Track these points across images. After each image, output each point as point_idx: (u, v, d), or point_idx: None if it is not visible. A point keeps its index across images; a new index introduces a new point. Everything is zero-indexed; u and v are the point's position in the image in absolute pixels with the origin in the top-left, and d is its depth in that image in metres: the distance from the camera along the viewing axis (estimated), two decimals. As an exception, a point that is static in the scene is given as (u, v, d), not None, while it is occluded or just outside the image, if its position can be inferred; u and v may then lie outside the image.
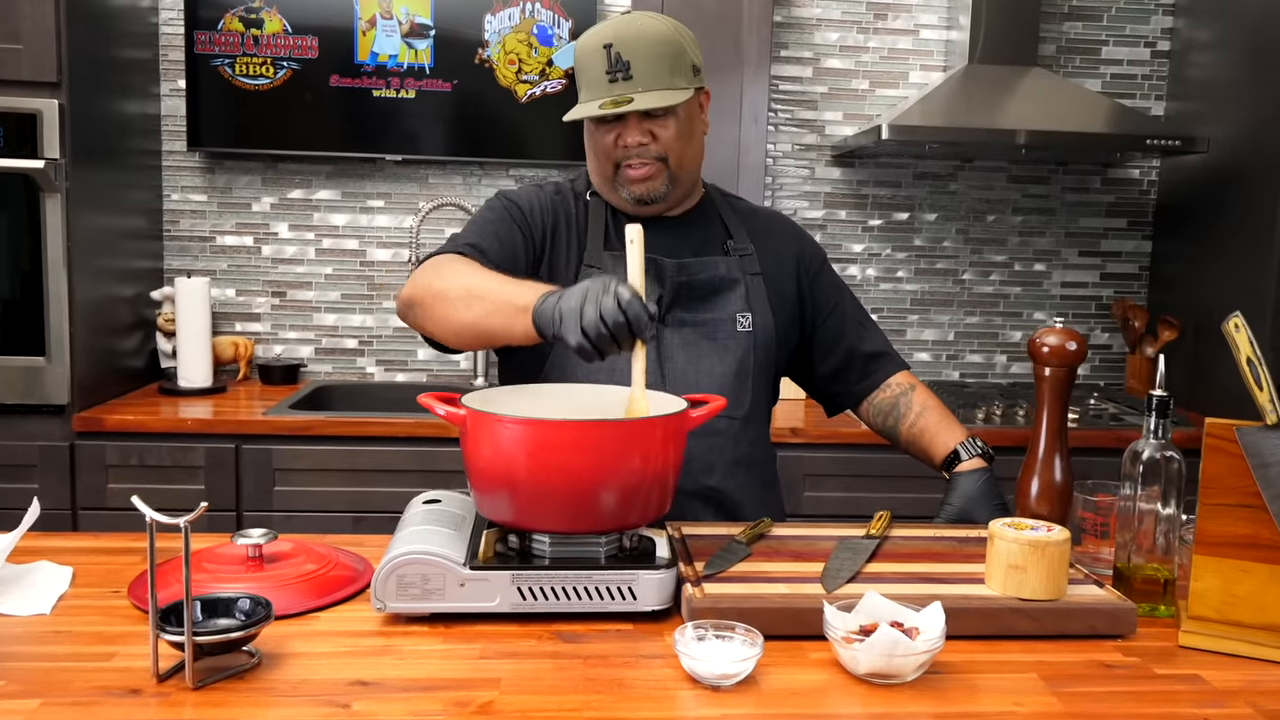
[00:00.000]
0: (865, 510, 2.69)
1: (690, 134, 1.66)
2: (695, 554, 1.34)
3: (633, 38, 1.58)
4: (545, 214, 1.71)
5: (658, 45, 1.59)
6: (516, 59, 3.07)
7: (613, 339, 1.24)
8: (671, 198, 1.69)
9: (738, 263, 1.73)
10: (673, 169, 1.65)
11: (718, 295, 1.71)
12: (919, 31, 3.22)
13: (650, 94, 1.57)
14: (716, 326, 1.70)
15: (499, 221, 1.68)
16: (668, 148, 1.63)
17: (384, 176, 3.17)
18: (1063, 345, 1.46)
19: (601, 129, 1.64)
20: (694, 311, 1.69)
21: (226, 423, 2.64)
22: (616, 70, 1.58)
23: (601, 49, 1.59)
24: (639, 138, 1.61)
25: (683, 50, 1.62)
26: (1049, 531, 1.25)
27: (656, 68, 1.58)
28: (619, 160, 1.64)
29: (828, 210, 3.27)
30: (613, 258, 1.68)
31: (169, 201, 3.14)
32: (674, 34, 1.62)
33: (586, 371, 1.62)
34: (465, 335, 1.49)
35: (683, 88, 1.61)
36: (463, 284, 1.47)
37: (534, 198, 1.73)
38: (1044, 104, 2.96)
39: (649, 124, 1.61)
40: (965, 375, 3.37)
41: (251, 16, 3.01)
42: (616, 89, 1.58)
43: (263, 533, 1.31)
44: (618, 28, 1.61)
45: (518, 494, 1.21)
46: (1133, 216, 3.37)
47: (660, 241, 1.70)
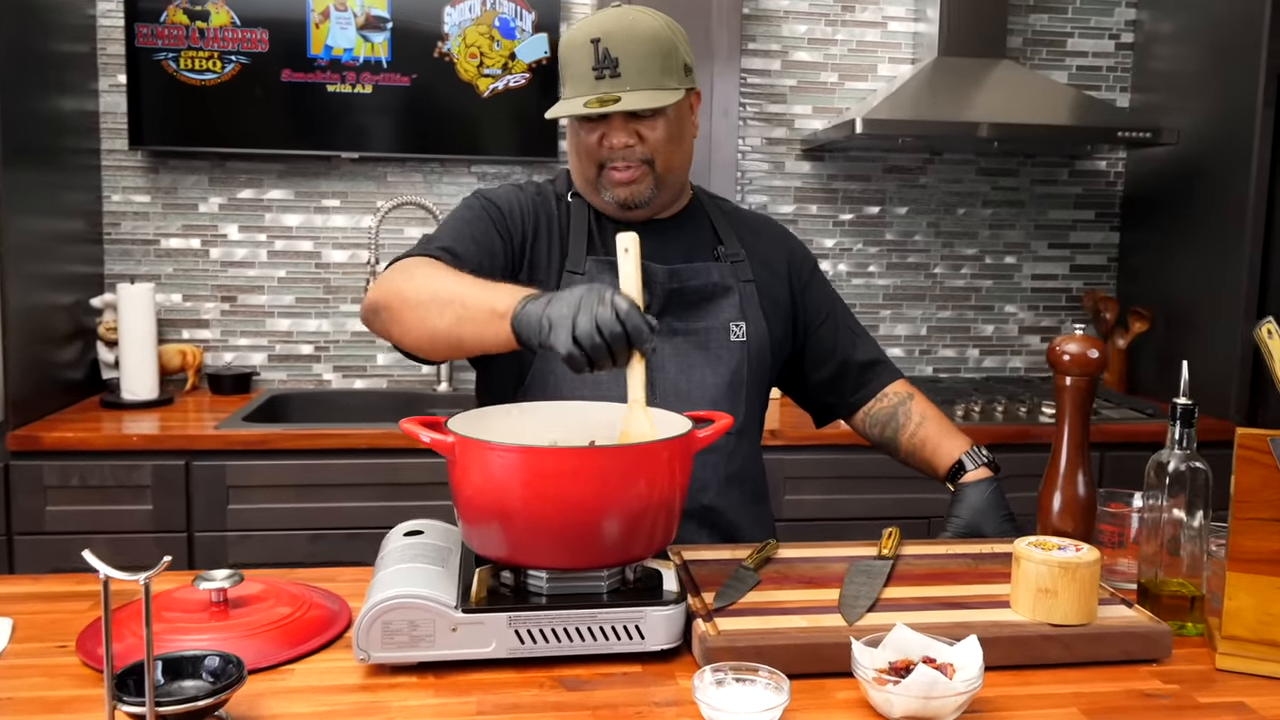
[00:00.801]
0: (846, 513, 2.68)
1: (679, 136, 1.57)
2: (701, 583, 1.25)
3: (622, 33, 1.48)
4: (526, 216, 1.61)
5: (649, 42, 1.49)
6: (478, 52, 2.95)
7: (608, 351, 1.15)
8: (657, 202, 1.60)
9: (730, 269, 1.65)
10: (659, 172, 1.56)
11: (710, 303, 1.62)
12: (887, 24, 3.16)
13: (639, 94, 1.48)
14: (709, 336, 1.61)
15: (475, 222, 1.57)
16: (655, 150, 1.54)
17: (339, 175, 3.04)
18: (1084, 353, 1.39)
19: (585, 128, 1.55)
20: (685, 320, 1.60)
21: (175, 438, 2.50)
22: (604, 67, 1.48)
23: (589, 44, 1.49)
24: (625, 139, 1.52)
25: (675, 48, 1.52)
26: (1078, 551, 1.18)
27: (646, 66, 1.48)
28: (603, 161, 1.55)
29: (798, 205, 3.20)
30: (596, 263, 1.58)
31: (110, 203, 2.98)
32: (666, 31, 1.52)
33: (570, 386, 1.53)
34: (437, 343, 1.38)
35: (673, 88, 1.51)
36: (433, 288, 1.37)
37: (514, 198, 1.62)
38: (1014, 96, 2.92)
39: (636, 125, 1.52)
40: (938, 370, 3.32)
41: (197, 8, 2.86)
42: (603, 87, 1.48)
43: (227, 574, 1.19)
44: (607, 22, 1.50)
45: (513, 528, 1.11)
46: (1100, 208, 3.34)
47: (647, 246, 1.60)
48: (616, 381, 1.51)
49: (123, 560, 2.39)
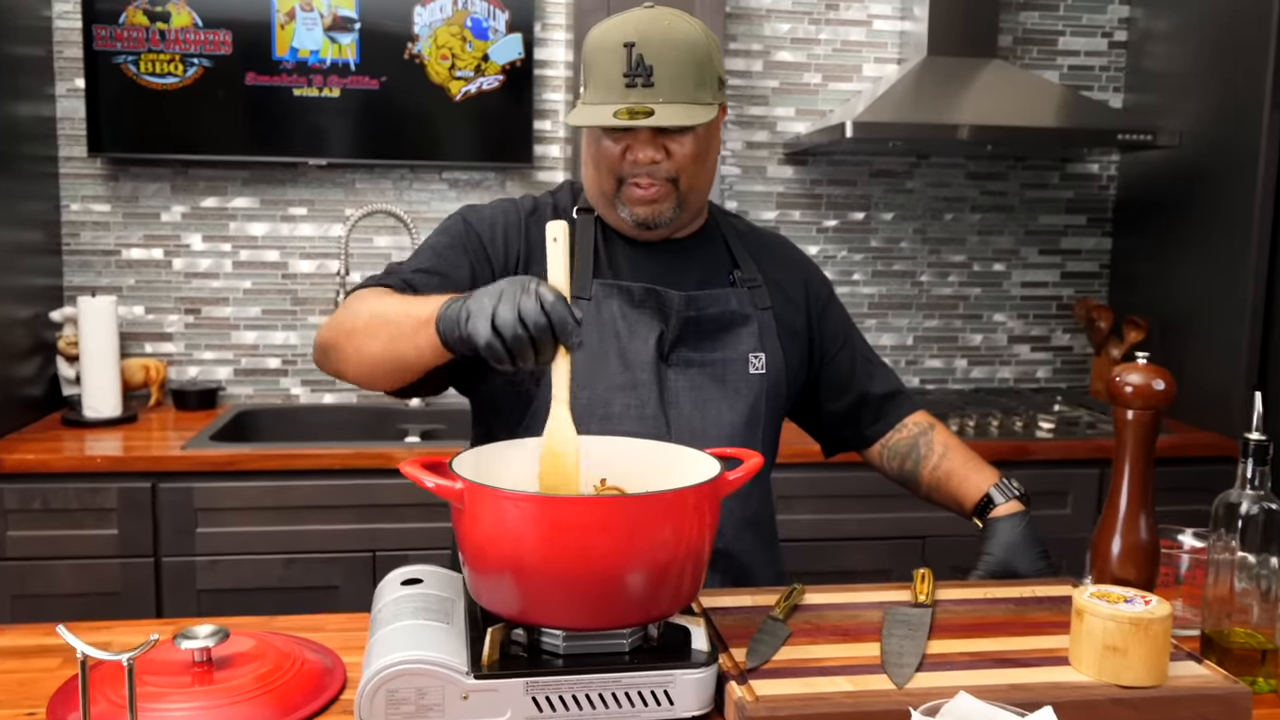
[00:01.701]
0: (841, 533, 2.59)
1: (706, 154, 1.46)
2: (728, 637, 1.15)
3: (659, 39, 1.36)
4: (513, 239, 1.49)
5: (686, 51, 1.38)
6: (449, 54, 2.84)
7: (531, 343, 1.07)
8: (676, 223, 1.49)
9: (748, 295, 1.54)
10: (683, 191, 1.45)
11: (728, 332, 1.51)
12: (872, 22, 3.08)
13: (673, 107, 1.37)
14: (727, 368, 1.50)
15: (448, 249, 1.47)
16: (681, 168, 1.43)
17: (306, 182, 2.92)
18: (1148, 384, 1.26)
19: (608, 138, 1.43)
20: (702, 351, 1.50)
21: (141, 459, 2.37)
22: (636, 74, 1.36)
23: (622, 47, 1.36)
24: (652, 153, 1.41)
25: (710, 59, 1.41)
26: (1147, 605, 1.08)
27: (682, 77, 1.37)
28: (624, 176, 1.43)
29: (781, 211, 3.12)
30: (604, 288, 1.47)
31: (68, 212, 2.84)
32: (704, 39, 1.40)
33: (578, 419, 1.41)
34: (377, 369, 1.29)
35: (708, 103, 1.40)
36: (370, 312, 1.29)
37: (499, 221, 1.50)
38: (1006, 98, 2.85)
39: (664, 140, 1.41)
40: (925, 381, 3.25)
41: (157, 10, 2.73)
42: (634, 96, 1.36)
43: (211, 631, 1.08)
44: (642, 25, 1.38)
45: (528, 584, 1.01)
46: (1092, 213, 3.28)
47: (663, 269, 1.51)
48: (628, 414, 1.45)
49: (87, 586, 2.30)
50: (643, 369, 1.45)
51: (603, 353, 1.45)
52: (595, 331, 1.46)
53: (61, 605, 2.31)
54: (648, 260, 1.52)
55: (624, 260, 1.51)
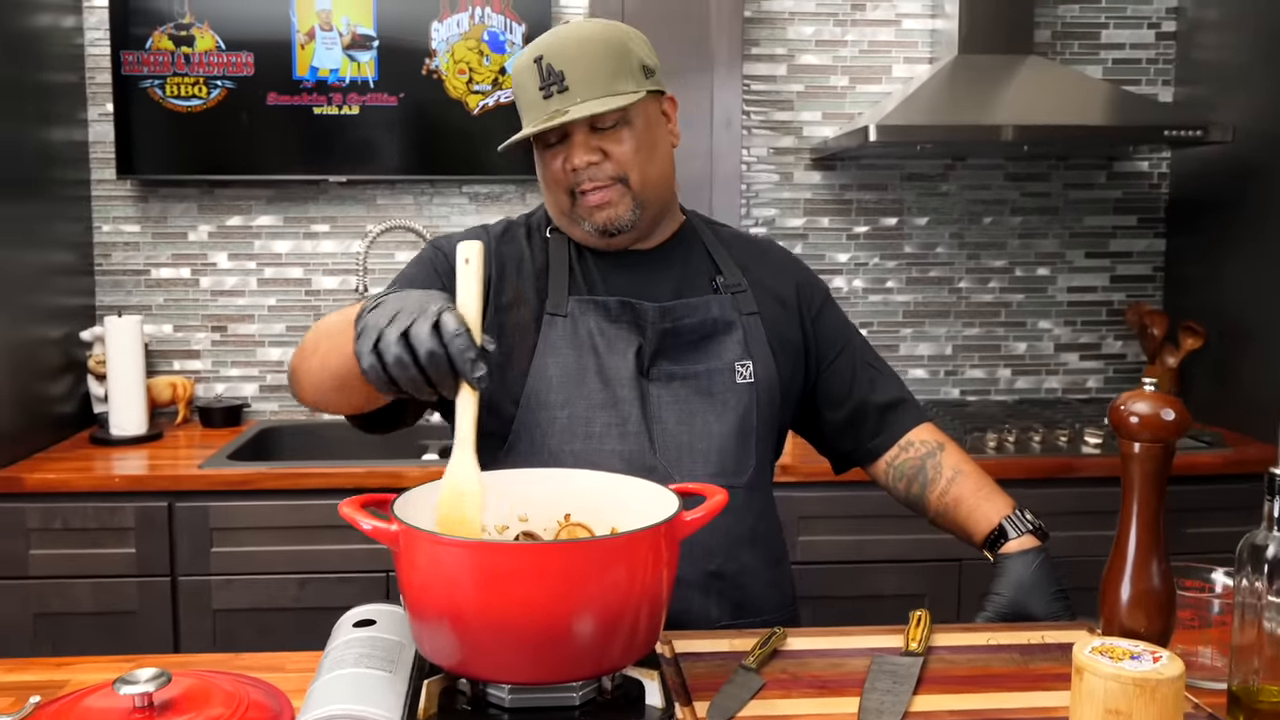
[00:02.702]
0: (867, 555, 2.49)
1: (652, 146, 1.41)
2: (694, 687, 1.09)
3: (565, 45, 1.37)
4: (487, 259, 1.46)
5: (596, 46, 1.37)
6: (467, 68, 2.83)
7: (420, 373, 0.99)
8: (640, 225, 1.44)
9: (730, 301, 1.48)
10: (635, 190, 1.40)
11: (711, 341, 1.45)
12: (901, 22, 2.97)
13: (589, 103, 1.34)
14: (712, 378, 1.44)
15: (419, 275, 1.45)
16: (625, 165, 1.39)
17: (329, 199, 2.94)
18: (1156, 414, 1.13)
19: (549, 155, 1.41)
20: (683, 363, 1.44)
21: (158, 479, 2.41)
22: (550, 83, 1.35)
23: (534, 63, 1.37)
24: (587, 156, 1.38)
25: (626, 50, 1.38)
26: (1156, 662, 0.97)
27: (595, 73, 1.35)
28: (572, 187, 1.40)
29: (808, 218, 3.03)
30: (580, 304, 1.43)
31: (100, 233, 2.91)
32: (614, 33, 1.39)
33: (558, 442, 1.39)
34: (322, 388, 1.26)
35: (629, 91, 1.36)
36: (315, 331, 1.27)
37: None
38: (1044, 95, 2.71)
39: (598, 140, 1.38)
40: (965, 392, 3.12)
41: (181, 34, 2.78)
42: (552, 104, 1.35)
43: (152, 675, 1.04)
44: (549, 38, 1.40)
45: (465, 634, 0.96)
46: (1143, 213, 3.11)
47: (635, 282, 1.46)
48: (610, 433, 1.39)
49: (106, 605, 2.34)
50: (622, 385, 1.41)
51: (582, 370, 1.41)
52: (573, 349, 1.42)
53: (82, 623, 2.36)
54: (623, 273, 1.48)
55: (599, 275, 1.48)
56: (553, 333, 1.42)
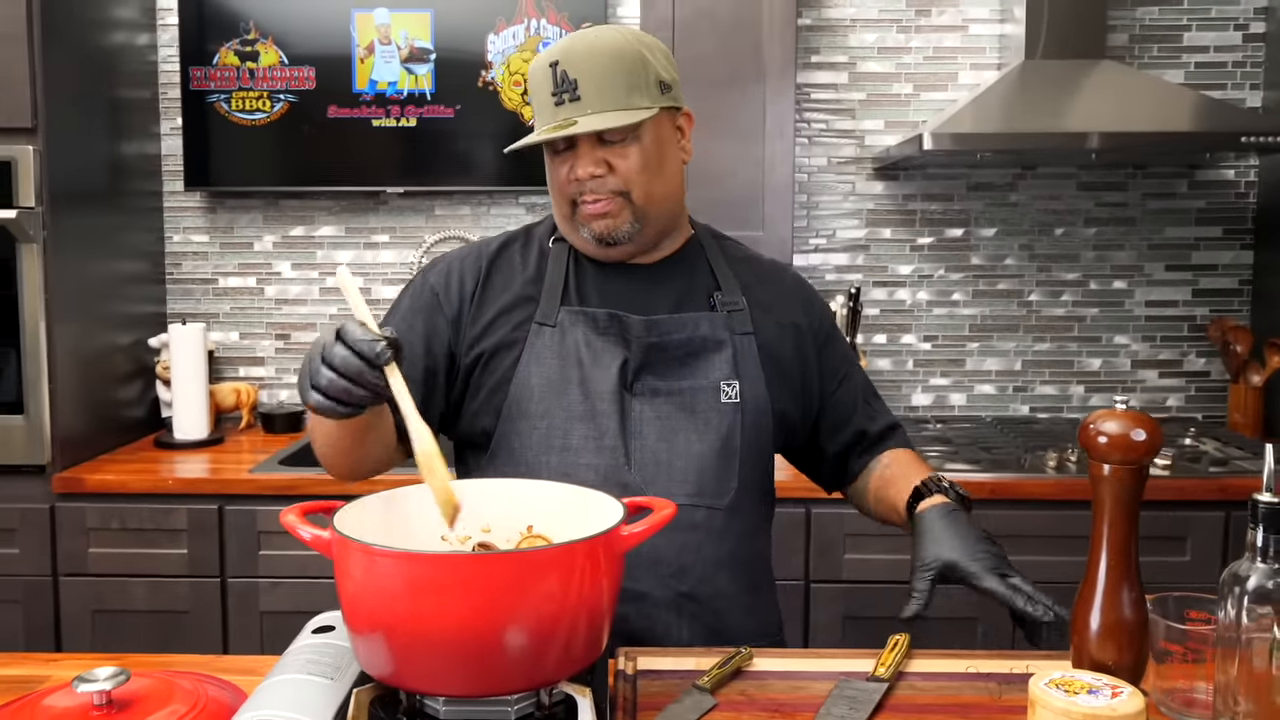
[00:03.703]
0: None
1: (659, 163, 1.39)
2: (643, 705, 1.06)
3: (582, 52, 1.35)
4: (467, 280, 1.46)
5: (611, 59, 1.34)
6: (522, 79, 2.84)
7: (354, 381, 1.07)
8: (641, 239, 1.42)
9: (724, 320, 1.44)
10: (637, 204, 1.38)
11: (698, 359, 1.42)
12: (968, 27, 2.88)
13: (599, 115, 1.33)
14: (695, 396, 1.41)
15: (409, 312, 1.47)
16: (629, 180, 1.37)
17: (388, 210, 2.98)
18: (1126, 435, 1.05)
19: (555, 160, 1.40)
20: (668, 379, 1.41)
21: (209, 482, 2.47)
22: (562, 90, 1.34)
23: (548, 68, 1.36)
24: (591, 168, 1.36)
25: (643, 63, 1.36)
26: (1114, 697, 0.92)
27: (608, 85, 1.33)
28: (574, 195, 1.39)
29: (870, 229, 2.95)
30: (570, 314, 1.42)
31: (171, 243, 3.01)
32: (633, 45, 1.36)
33: (535, 453, 1.38)
34: (325, 452, 1.36)
35: (642, 107, 1.34)
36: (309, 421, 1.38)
37: (454, 269, 1.48)
38: (1116, 101, 2.59)
39: (604, 152, 1.36)
40: (1036, 409, 2.99)
41: (247, 49, 2.86)
42: (563, 112, 1.34)
43: (111, 674, 1.06)
44: (567, 44, 1.37)
45: (395, 645, 0.95)
46: (1229, 223, 2.95)
47: (631, 294, 1.44)
48: (586, 446, 1.38)
49: (159, 604, 2.40)
50: (603, 398, 1.39)
51: (564, 381, 1.40)
52: (558, 360, 1.41)
53: (137, 621, 2.43)
54: (618, 285, 1.45)
55: (593, 286, 1.46)
56: (539, 342, 1.41)
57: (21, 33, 2.37)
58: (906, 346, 2.97)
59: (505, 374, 1.41)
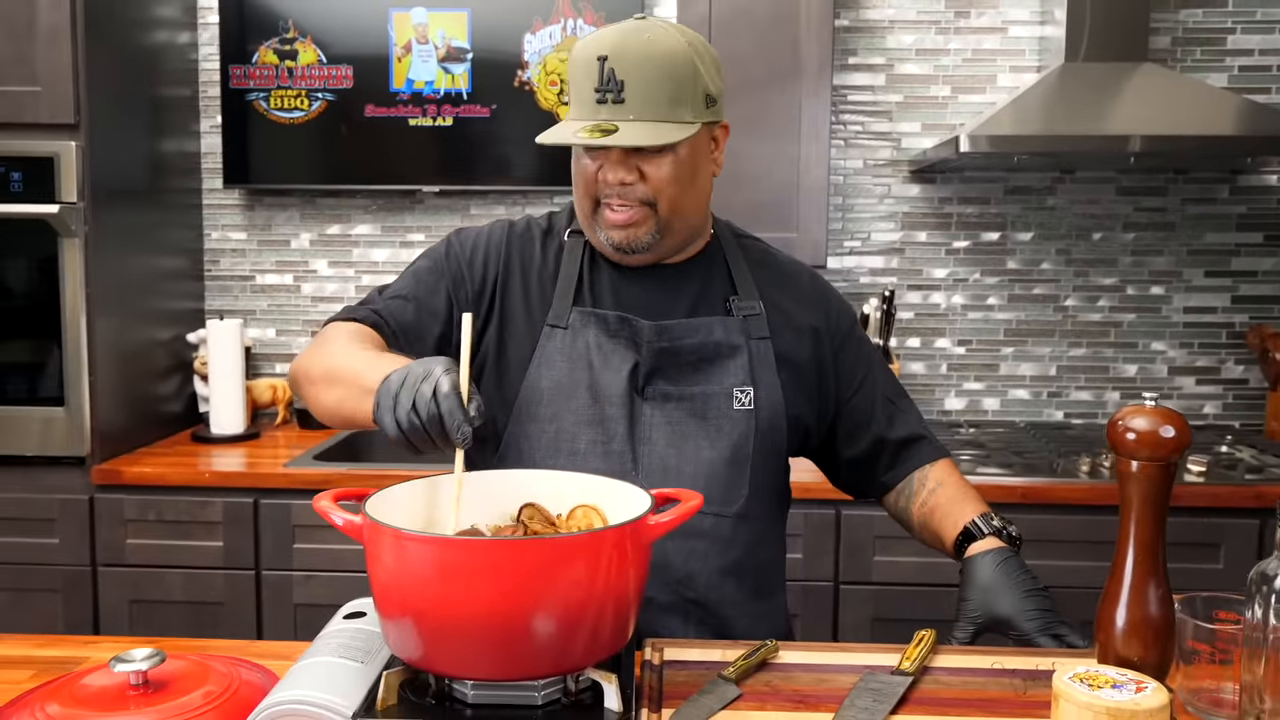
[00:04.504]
0: (945, 578, 2.39)
1: (691, 176, 1.36)
2: (669, 694, 1.07)
3: (634, 53, 1.28)
4: (492, 261, 1.44)
5: (663, 66, 1.29)
6: (558, 79, 2.85)
7: (426, 433, 1.06)
8: (660, 249, 1.40)
9: (739, 324, 1.42)
10: (662, 216, 1.35)
11: (711, 364, 1.40)
12: (1007, 29, 2.86)
13: (640, 126, 1.28)
14: (707, 402, 1.39)
15: (428, 273, 1.45)
16: (658, 191, 1.33)
17: (424, 209, 3.00)
18: (1154, 431, 1.06)
19: (585, 156, 1.36)
20: (680, 384, 1.40)
21: (245, 475, 2.50)
22: (607, 89, 1.28)
23: (595, 61, 1.29)
24: (622, 175, 1.32)
25: (694, 74, 1.31)
26: (1138, 692, 0.92)
27: (655, 93, 1.28)
28: (599, 196, 1.36)
29: (906, 232, 2.94)
30: (582, 316, 1.40)
31: (210, 240, 3.04)
32: (686, 53, 1.30)
33: (544, 455, 1.37)
34: (335, 420, 1.30)
35: (685, 122, 1.30)
36: (329, 364, 1.28)
37: (480, 244, 1.46)
38: (1158, 104, 2.56)
39: (637, 160, 1.32)
40: (1070, 415, 2.97)
41: (285, 48, 2.88)
42: (603, 112, 1.29)
43: (147, 654, 1.08)
44: (620, 37, 1.30)
45: (425, 629, 0.97)
46: (1270, 230, 2.91)
47: (646, 296, 1.42)
48: (594, 450, 1.38)
49: (195, 595, 2.43)
50: (612, 403, 1.38)
51: (573, 385, 1.39)
52: (568, 362, 1.40)
53: (173, 611, 2.46)
54: (633, 286, 1.43)
55: (607, 286, 1.44)
56: (550, 344, 1.40)
57: (65, 31, 2.40)
58: (940, 350, 2.96)
59: (516, 374, 1.40)
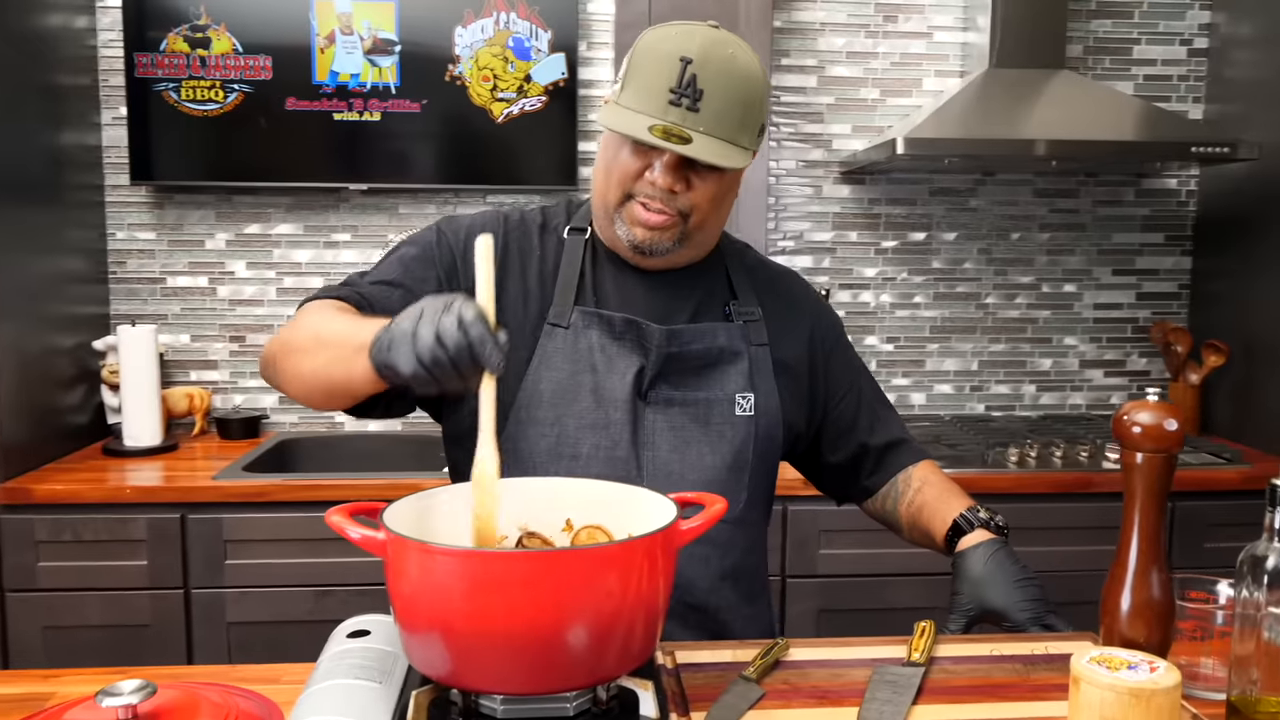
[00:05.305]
0: (886, 568, 2.45)
1: (724, 198, 1.36)
2: (693, 698, 1.07)
3: (718, 65, 1.26)
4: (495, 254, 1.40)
5: (741, 87, 1.27)
6: (491, 75, 2.78)
7: (453, 367, 0.98)
8: (675, 256, 1.38)
9: (740, 331, 1.42)
10: (690, 228, 1.34)
11: (715, 370, 1.40)
12: (933, 34, 2.94)
13: (712, 141, 1.26)
14: (711, 408, 1.39)
15: (415, 261, 1.38)
16: (696, 205, 1.32)
17: (349, 208, 2.89)
18: (1159, 425, 1.13)
19: (631, 150, 1.31)
20: (684, 389, 1.39)
21: (171, 490, 2.36)
22: (684, 94, 1.25)
23: (677, 60, 1.25)
24: (673, 180, 1.29)
25: (761, 103, 1.31)
26: (1153, 672, 0.96)
27: (729, 112, 1.26)
28: (634, 193, 1.32)
29: (837, 232, 2.99)
30: (584, 316, 1.37)
31: (114, 241, 2.86)
32: (760, 80, 1.30)
33: (543, 457, 1.33)
34: (313, 390, 1.23)
35: (745, 148, 1.30)
36: (313, 331, 1.22)
37: (475, 232, 1.38)
38: (1074, 110, 2.68)
39: (689, 171, 1.30)
40: (991, 408, 3.08)
41: (197, 36, 2.73)
42: (674, 115, 1.25)
43: (136, 686, 1.00)
44: (705, 45, 1.27)
45: (456, 645, 0.93)
46: (1170, 230, 3.08)
47: (650, 299, 1.40)
48: (597, 455, 1.34)
49: (117, 618, 2.29)
50: (616, 407, 1.35)
51: (576, 387, 1.35)
52: (570, 364, 1.36)
53: (92, 636, 2.31)
54: (637, 288, 1.41)
55: (611, 287, 1.41)
56: (550, 344, 1.36)
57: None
58: (870, 348, 3.02)
59: (513, 374, 1.35)
